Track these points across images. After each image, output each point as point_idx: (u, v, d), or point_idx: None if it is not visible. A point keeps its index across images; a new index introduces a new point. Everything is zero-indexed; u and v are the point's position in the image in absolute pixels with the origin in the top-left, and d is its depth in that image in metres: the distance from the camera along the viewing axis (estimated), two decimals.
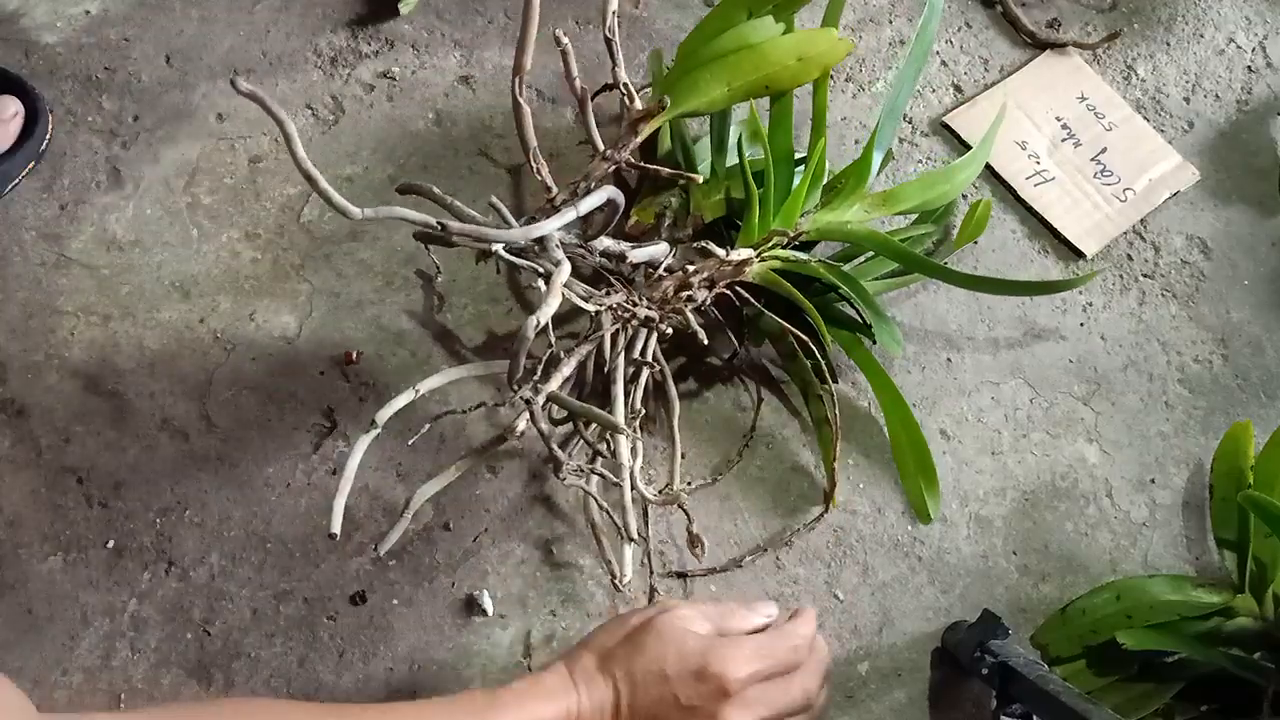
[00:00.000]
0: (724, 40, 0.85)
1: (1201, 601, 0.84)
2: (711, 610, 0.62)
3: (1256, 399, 1.01)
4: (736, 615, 0.62)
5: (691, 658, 0.54)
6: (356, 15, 1.10)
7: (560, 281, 0.73)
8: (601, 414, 0.74)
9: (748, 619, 0.63)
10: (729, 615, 0.62)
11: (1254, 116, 1.16)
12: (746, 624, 0.63)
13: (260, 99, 0.65)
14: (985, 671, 0.81)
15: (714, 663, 0.54)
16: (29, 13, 1.06)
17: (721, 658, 0.54)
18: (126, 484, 0.87)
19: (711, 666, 0.53)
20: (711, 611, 0.61)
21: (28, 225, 0.96)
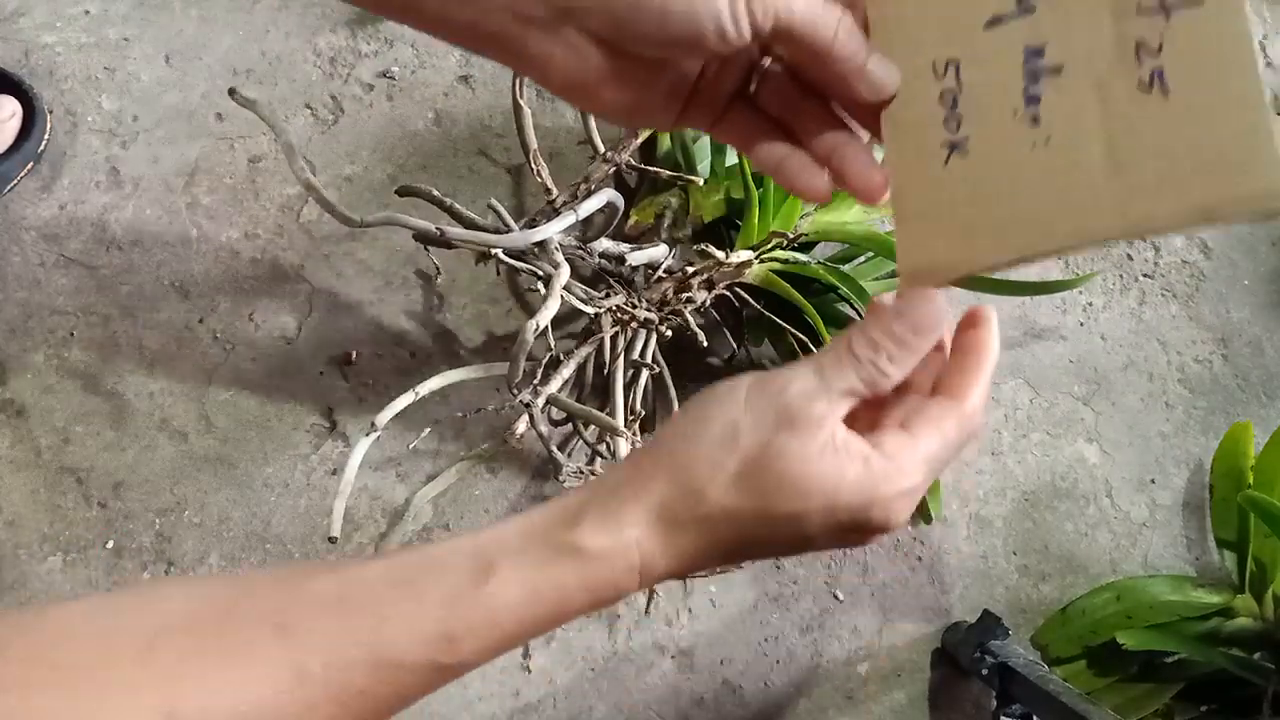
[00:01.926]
0: None
1: (1201, 602, 0.84)
2: (847, 376, 0.37)
3: (1256, 399, 1.01)
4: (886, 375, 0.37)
5: (844, 515, 0.36)
6: (356, 15, 1.10)
7: (560, 284, 0.73)
8: (600, 416, 0.74)
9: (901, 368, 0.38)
10: (876, 379, 0.37)
11: None
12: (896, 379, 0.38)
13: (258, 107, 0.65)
14: (985, 671, 0.81)
15: (875, 519, 0.37)
16: (29, 13, 1.06)
17: (885, 513, 0.37)
18: (126, 484, 0.87)
19: (873, 521, 0.37)
20: (848, 380, 0.37)
21: (27, 225, 0.96)
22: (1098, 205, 0.36)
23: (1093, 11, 0.36)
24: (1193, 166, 0.34)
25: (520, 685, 0.83)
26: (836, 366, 0.37)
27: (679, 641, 0.86)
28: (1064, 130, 0.36)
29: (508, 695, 0.83)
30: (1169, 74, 0.35)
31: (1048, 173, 0.37)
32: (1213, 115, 0.34)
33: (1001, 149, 0.37)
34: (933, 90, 0.38)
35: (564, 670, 0.84)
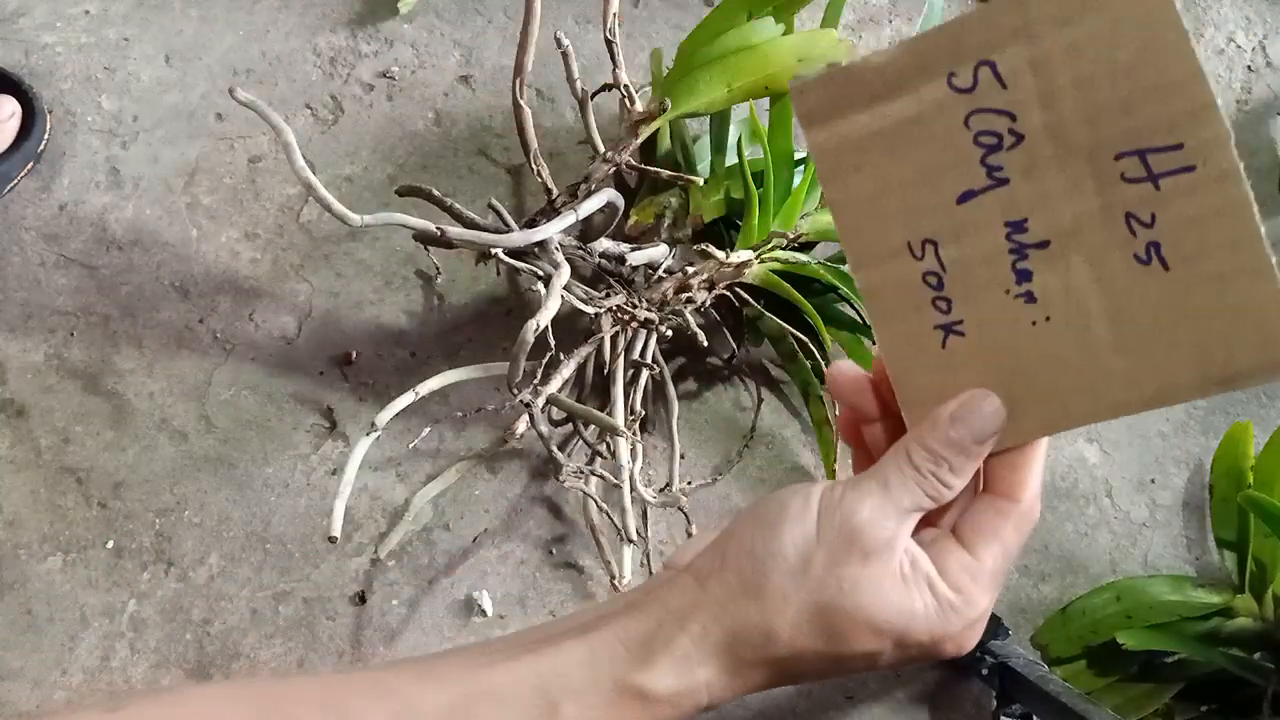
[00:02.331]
0: (724, 41, 0.85)
1: (1201, 602, 0.84)
2: (905, 502, 0.36)
3: (1256, 399, 1.01)
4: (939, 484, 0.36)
5: (915, 650, 0.36)
6: (356, 15, 1.10)
7: (560, 285, 0.73)
8: (600, 416, 0.74)
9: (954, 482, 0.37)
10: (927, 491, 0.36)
11: (1254, 116, 1.16)
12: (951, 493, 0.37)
13: (258, 107, 0.65)
14: (985, 671, 0.81)
15: (948, 650, 0.36)
16: (29, 13, 1.06)
17: (957, 645, 0.37)
18: (126, 484, 0.87)
19: (945, 653, 0.36)
20: (905, 504, 0.36)
21: (27, 225, 0.96)
22: (1111, 382, 0.35)
23: (1073, 181, 0.34)
24: (1208, 341, 0.33)
25: None
26: (900, 481, 0.36)
27: None
28: (1063, 308, 0.35)
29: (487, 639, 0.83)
30: (1166, 248, 0.33)
31: (1054, 351, 0.35)
32: (1220, 288, 0.33)
33: (1001, 329, 0.36)
34: (913, 271, 0.36)
35: None
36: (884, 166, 0.36)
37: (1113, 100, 0.33)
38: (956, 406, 0.36)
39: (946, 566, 0.36)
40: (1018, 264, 0.35)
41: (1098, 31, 0.33)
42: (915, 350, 0.37)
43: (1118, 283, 0.34)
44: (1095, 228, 0.34)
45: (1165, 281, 0.33)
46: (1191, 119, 0.32)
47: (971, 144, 0.35)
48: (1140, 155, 0.33)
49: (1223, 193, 0.32)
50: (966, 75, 0.34)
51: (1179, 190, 0.33)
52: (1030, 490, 0.37)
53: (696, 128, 1.02)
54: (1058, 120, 0.34)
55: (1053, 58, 0.33)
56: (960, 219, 0.36)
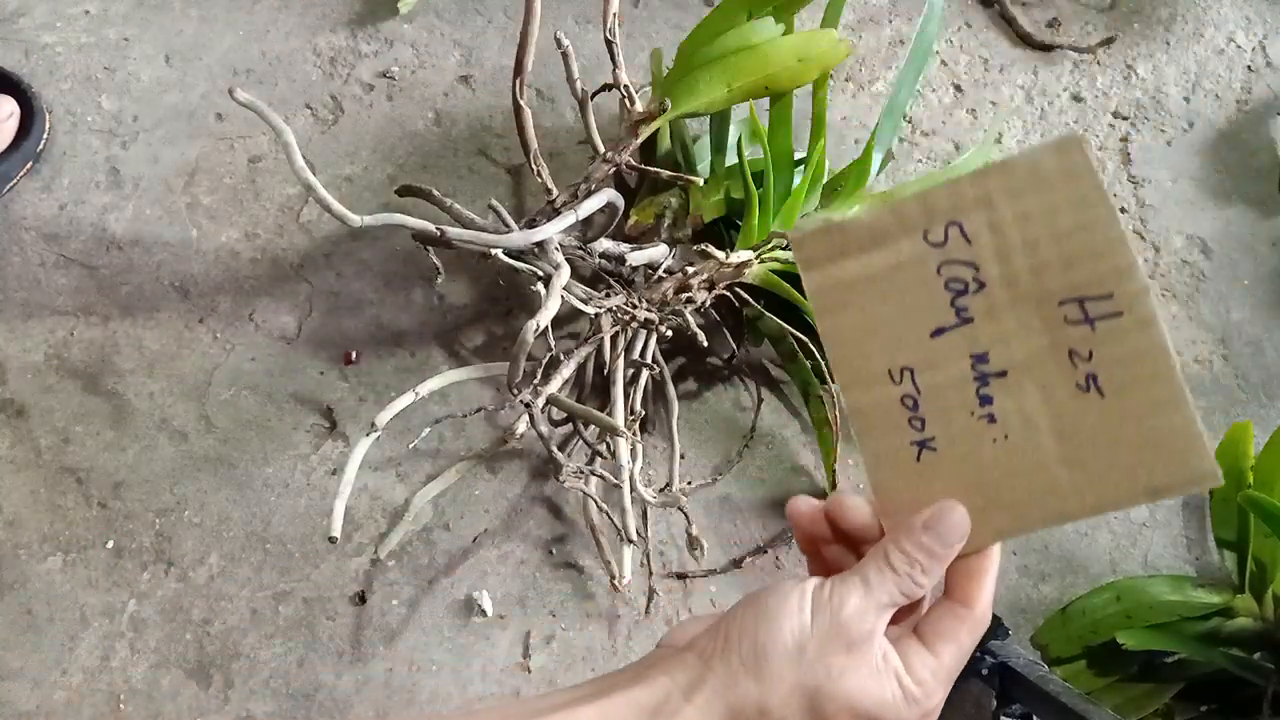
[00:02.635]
0: (724, 41, 0.85)
1: (1201, 602, 0.84)
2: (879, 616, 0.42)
3: (1256, 399, 1.01)
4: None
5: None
6: (356, 15, 1.10)
7: (560, 285, 0.73)
8: (601, 416, 0.74)
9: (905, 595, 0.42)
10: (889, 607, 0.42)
11: (1254, 116, 1.16)
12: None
13: (258, 108, 0.65)
14: (985, 671, 0.81)
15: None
16: (29, 13, 1.06)
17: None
18: (126, 484, 0.87)
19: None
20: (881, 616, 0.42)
21: (27, 225, 0.96)
22: (1060, 493, 0.41)
23: (1025, 322, 0.41)
24: (1137, 459, 0.40)
25: (520, 685, 0.83)
26: (880, 580, 0.41)
27: None
28: (1019, 428, 0.41)
29: (508, 695, 0.83)
30: (1102, 379, 0.40)
31: (1011, 466, 0.41)
32: (1146, 415, 0.39)
33: (966, 447, 0.42)
34: (893, 394, 0.42)
35: (564, 670, 0.84)
36: (869, 305, 0.43)
37: (1056, 258, 0.40)
38: (928, 515, 0.41)
39: (911, 662, 0.41)
40: (981, 390, 0.42)
41: (1043, 204, 0.40)
42: (893, 463, 0.43)
43: (1063, 407, 0.41)
44: (1044, 361, 0.41)
45: (1102, 407, 0.40)
46: (1118, 275, 0.39)
47: (942, 289, 0.42)
48: (1079, 302, 0.40)
49: (1145, 336, 0.39)
50: (939, 233, 0.41)
51: (1111, 332, 0.40)
52: (984, 600, 0.43)
53: (696, 128, 1.02)
54: (1012, 272, 0.41)
55: (1007, 222, 0.41)
56: (933, 351, 0.42)
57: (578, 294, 0.83)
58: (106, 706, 0.80)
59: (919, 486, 0.42)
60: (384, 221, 0.73)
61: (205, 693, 0.81)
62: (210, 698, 0.81)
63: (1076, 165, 0.40)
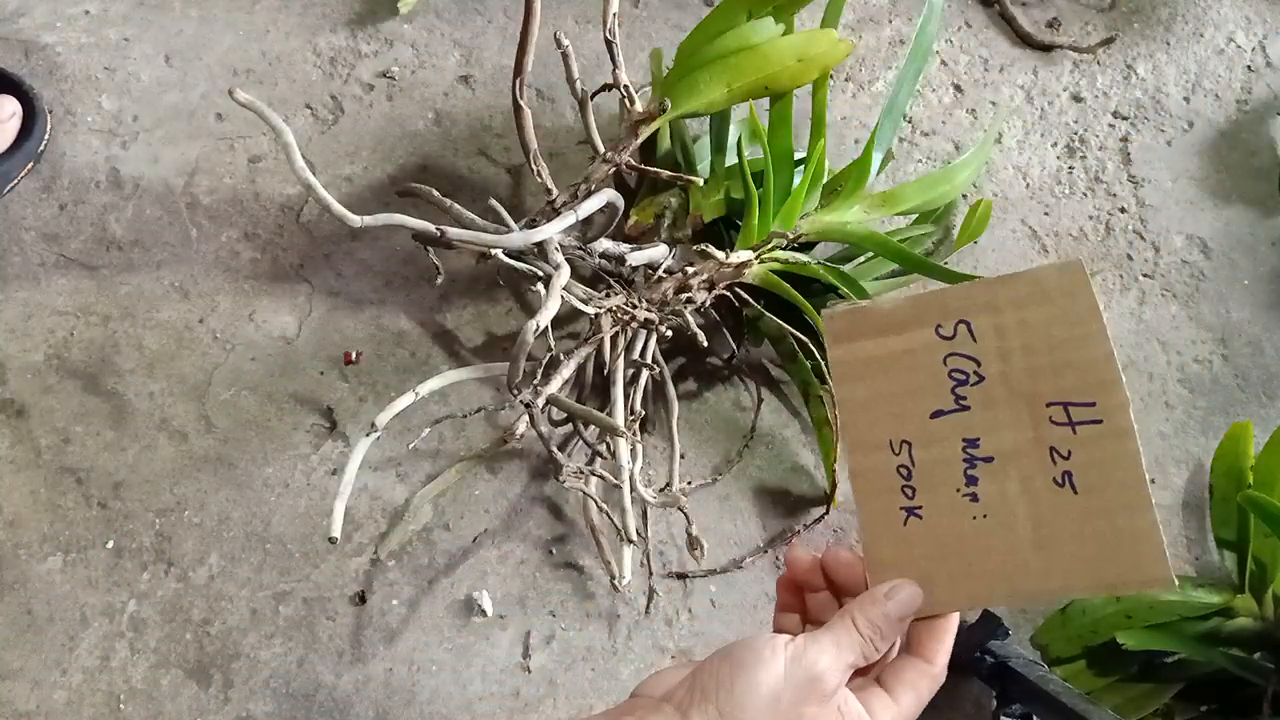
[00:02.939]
0: (724, 41, 0.85)
1: (1201, 601, 0.84)
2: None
3: (1256, 399, 1.01)
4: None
5: None
6: (356, 15, 1.10)
7: (560, 285, 0.73)
8: (601, 416, 0.74)
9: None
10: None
11: (1254, 116, 1.16)
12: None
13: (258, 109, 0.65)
14: (985, 671, 0.81)
15: None
16: (29, 13, 1.06)
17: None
18: (126, 484, 0.87)
19: None
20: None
21: (27, 225, 0.96)
22: (1027, 573, 0.45)
23: (1016, 417, 0.46)
24: (1100, 553, 0.44)
25: (520, 685, 0.83)
26: (849, 642, 0.45)
27: (679, 641, 0.86)
28: (997, 510, 0.46)
29: (507, 695, 0.83)
30: (1077, 477, 0.44)
31: (987, 543, 0.46)
32: (1113, 515, 0.44)
33: (949, 519, 0.47)
34: (891, 462, 0.48)
35: (564, 670, 0.84)
36: (880, 381, 0.48)
37: (1049, 363, 0.45)
38: (888, 589, 0.46)
39: (874, 708, 0.45)
40: (968, 470, 0.47)
41: (1042, 315, 0.45)
42: (884, 523, 0.48)
43: (1040, 497, 0.45)
44: (1028, 453, 0.45)
45: (1074, 502, 0.44)
46: (1102, 388, 0.44)
47: (946, 376, 0.47)
48: (1065, 406, 0.45)
49: (1120, 445, 0.44)
50: (949, 328, 0.47)
51: (1090, 437, 0.44)
52: (944, 657, 0.48)
53: (696, 128, 1.02)
54: (1009, 371, 0.46)
55: (1009, 327, 0.46)
56: (931, 430, 0.47)
57: (578, 294, 0.83)
58: (106, 706, 0.80)
59: (903, 548, 0.47)
60: (384, 222, 0.73)
61: (205, 693, 0.81)
62: (210, 698, 0.81)
63: (1076, 285, 0.45)
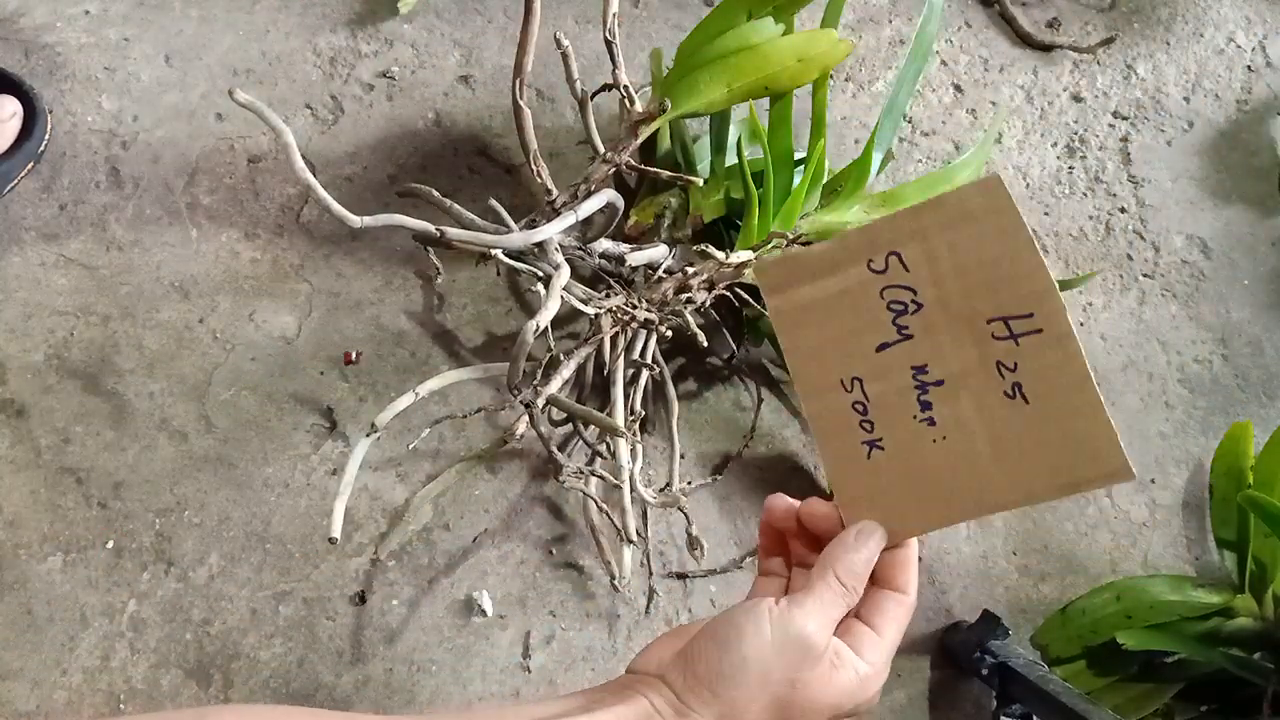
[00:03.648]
0: (724, 41, 0.85)
1: (1201, 601, 0.84)
2: (832, 613, 0.47)
3: (1256, 399, 1.01)
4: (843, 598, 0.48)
5: (847, 712, 0.48)
6: (356, 15, 1.10)
7: (559, 285, 0.73)
8: (601, 417, 0.74)
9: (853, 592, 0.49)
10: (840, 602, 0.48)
11: (1254, 116, 1.16)
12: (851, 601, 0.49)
13: (258, 109, 0.65)
14: (985, 671, 0.81)
15: (864, 706, 0.48)
16: (29, 13, 1.06)
17: (871, 700, 0.48)
18: (126, 484, 0.87)
19: (862, 707, 0.48)
20: (831, 613, 0.47)
21: (27, 225, 0.96)
22: (991, 486, 0.46)
23: (959, 338, 0.47)
24: (1058, 456, 0.45)
25: (520, 685, 0.83)
26: (831, 598, 0.47)
27: None
28: (955, 430, 0.47)
29: (508, 695, 0.83)
30: (1026, 387, 0.45)
31: (949, 463, 0.47)
32: (1066, 419, 0.45)
33: (910, 446, 0.48)
34: (845, 401, 0.49)
35: (564, 670, 0.84)
36: (823, 324, 0.49)
37: (982, 282, 0.46)
38: (856, 535, 0.48)
39: (861, 646, 0.47)
40: (921, 397, 0.48)
41: (969, 235, 0.46)
42: (848, 461, 0.49)
43: (994, 412, 0.46)
44: (975, 371, 0.46)
45: (1027, 412, 0.45)
46: (1037, 297, 0.45)
47: (885, 310, 0.48)
48: (1004, 320, 0.45)
49: (1062, 349, 0.45)
50: (880, 261, 0.48)
51: (1032, 346, 0.45)
52: (914, 585, 0.49)
53: (696, 128, 1.02)
54: (945, 294, 0.47)
55: (939, 252, 0.47)
56: (879, 363, 0.48)
57: (578, 294, 0.83)
58: (106, 706, 0.80)
59: (870, 481, 0.49)
60: (384, 222, 0.73)
61: (205, 693, 0.81)
62: (210, 698, 0.81)
63: (998, 202, 0.46)
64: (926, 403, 0.47)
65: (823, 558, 0.48)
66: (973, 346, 0.46)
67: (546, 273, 0.82)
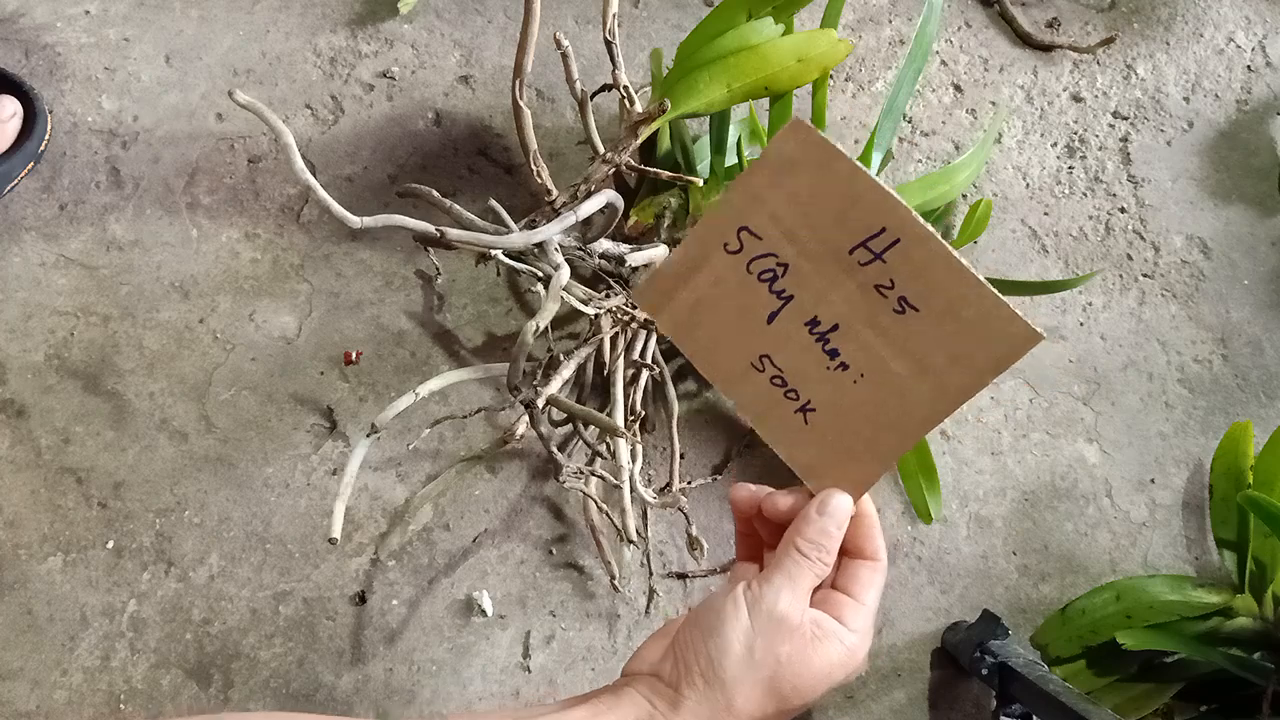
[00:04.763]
0: (724, 41, 0.85)
1: (1201, 601, 0.84)
2: (801, 595, 0.48)
3: (1256, 399, 1.01)
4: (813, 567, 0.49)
5: (839, 681, 0.49)
6: (356, 15, 1.10)
7: (559, 286, 0.73)
8: (601, 417, 0.74)
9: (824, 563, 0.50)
10: (812, 573, 0.49)
11: (1254, 116, 1.16)
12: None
13: (258, 110, 0.65)
14: (985, 671, 0.81)
15: (854, 670, 0.49)
16: (29, 13, 1.06)
17: (862, 664, 0.50)
18: (126, 484, 0.87)
19: (853, 672, 0.49)
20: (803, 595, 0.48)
21: (28, 225, 0.96)
22: (924, 399, 0.47)
23: (832, 279, 0.48)
24: (966, 346, 0.45)
25: (520, 685, 0.83)
26: (799, 571, 0.48)
27: None
28: (868, 364, 0.48)
29: (508, 695, 0.83)
30: (911, 298, 0.46)
31: (877, 396, 0.48)
32: (956, 309, 0.45)
33: (836, 396, 0.49)
34: (762, 380, 0.50)
35: (564, 670, 0.84)
36: (711, 319, 0.50)
37: (829, 219, 0.47)
38: (818, 504, 0.49)
39: (844, 615, 0.48)
40: (825, 347, 0.49)
41: (800, 181, 0.47)
42: (790, 433, 0.50)
43: (893, 332, 0.47)
44: (860, 303, 0.47)
45: (922, 319, 0.46)
46: (882, 212, 0.45)
47: (758, 282, 0.49)
48: (863, 245, 0.46)
49: (926, 249, 0.45)
50: (734, 240, 0.49)
51: (898, 257, 0.46)
52: (884, 550, 0.51)
53: (696, 128, 1.02)
54: (802, 246, 0.48)
55: (780, 209, 0.48)
56: (775, 333, 0.50)
57: (578, 294, 0.83)
58: (106, 706, 0.80)
59: (817, 443, 0.49)
60: (384, 222, 0.73)
61: (205, 693, 0.81)
62: (210, 698, 0.81)
63: (808, 140, 0.46)
64: (833, 350, 0.48)
65: (786, 534, 0.49)
66: (848, 280, 0.47)
67: (546, 273, 0.82)
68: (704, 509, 0.90)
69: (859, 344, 0.48)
